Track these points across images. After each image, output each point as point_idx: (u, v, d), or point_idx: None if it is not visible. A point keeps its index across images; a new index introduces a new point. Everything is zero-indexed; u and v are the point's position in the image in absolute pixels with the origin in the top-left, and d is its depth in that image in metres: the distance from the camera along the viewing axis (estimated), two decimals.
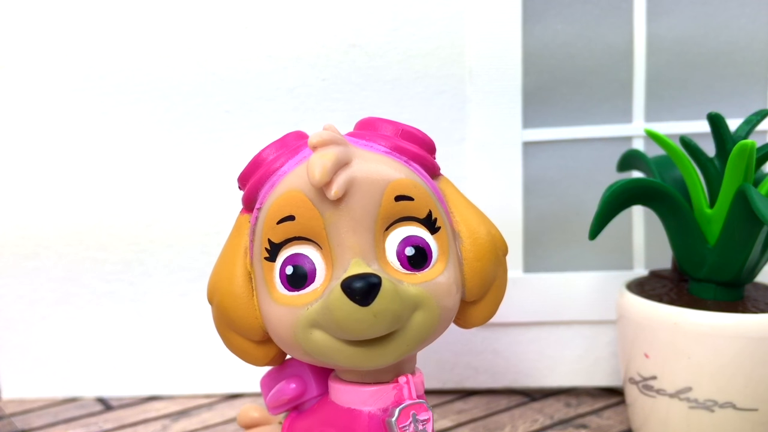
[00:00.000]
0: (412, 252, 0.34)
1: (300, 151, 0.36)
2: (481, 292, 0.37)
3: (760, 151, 0.44)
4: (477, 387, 0.60)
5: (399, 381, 0.36)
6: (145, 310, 0.61)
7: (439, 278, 0.34)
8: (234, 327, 0.37)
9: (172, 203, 0.59)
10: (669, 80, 0.56)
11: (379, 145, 0.36)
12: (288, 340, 0.34)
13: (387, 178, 0.34)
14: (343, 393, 0.36)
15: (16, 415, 0.59)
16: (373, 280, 0.32)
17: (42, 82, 0.58)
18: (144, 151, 0.59)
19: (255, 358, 0.38)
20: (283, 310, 0.34)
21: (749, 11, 0.55)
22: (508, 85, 0.56)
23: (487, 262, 0.37)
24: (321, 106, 0.57)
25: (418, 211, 0.34)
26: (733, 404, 0.45)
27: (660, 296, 0.48)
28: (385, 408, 0.35)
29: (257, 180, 0.36)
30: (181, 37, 0.57)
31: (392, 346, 0.33)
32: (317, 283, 0.34)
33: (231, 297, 0.36)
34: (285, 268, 0.34)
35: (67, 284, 0.61)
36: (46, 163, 0.59)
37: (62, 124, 0.59)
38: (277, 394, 0.38)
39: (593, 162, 0.57)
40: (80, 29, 0.57)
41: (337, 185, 0.32)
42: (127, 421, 0.58)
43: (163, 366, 0.62)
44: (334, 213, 0.33)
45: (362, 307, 0.31)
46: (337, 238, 0.33)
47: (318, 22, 0.56)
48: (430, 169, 0.37)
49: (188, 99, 0.58)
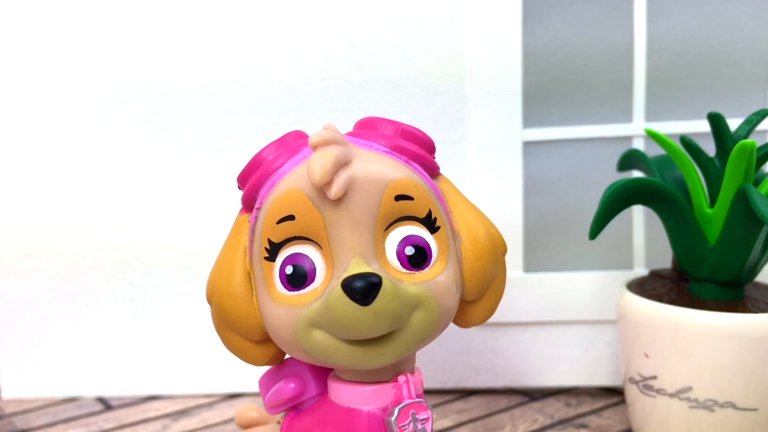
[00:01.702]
0: (412, 251, 0.34)
1: (300, 150, 0.36)
2: (480, 291, 0.37)
3: (760, 151, 0.44)
4: (477, 387, 0.60)
5: (398, 380, 0.36)
6: (145, 310, 0.61)
7: (438, 278, 0.34)
8: (233, 327, 0.37)
9: (172, 203, 0.59)
10: (669, 80, 0.56)
11: (379, 144, 0.36)
12: (288, 340, 0.34)
13: (387, 178, 0.34)
14: (343, 392, 0.36)
15: (16, 415, 0.59)
16: (374, 280, 0.32)
17: (41, 81, 0.58)
18: (144, 150, 0.59)
19: (254, 358, 0.38)
20: (283, 310, 0.34)
21: (749, 11, 0.55)
22: (508, 85, 0.56)
23: (487, 262, 0.37)
24: (321, 106, 0.57)
25: (418, 211, 0.35)
26: (733, 404, 0.45)
27: (660, 296, 0.48)
28: (385, 407, 0.36)
29: (257, 179, 0.36)
30: (181, 37, 0.57)
31: (392, 345, 0.33)
32: (317, 283, 0.34)
33: (230, 297, 0.36)
34: (285, 267, 0.34)
35: (67, 284, 0.61)
36: (45, 163, 0.59)
37: (62, 124, 0.59)
38: (276, 394, 0.39)
39: (593, 162, 0.57)
40: (80, 29, 0.57)
41: (338, 185, 0.32)
42: (127, 421, 0.58)
43: (163, 366, 0.62)
44: (334, 213, 0.33)
45: (363, 306, 0.31)
46: (337, 237, 0.33)
47: (318, 22, 0.56)
48: (429, 168, 0.38)
49: (188, 99, 0.58)
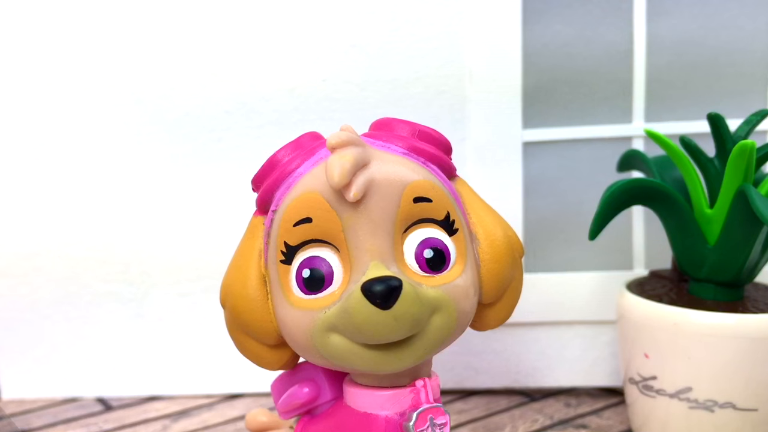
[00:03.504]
0: (431, 254, 0.34)
1: (316, 152, 0.36)
2: (497, 294, 0.37)
3: (760, 151, 0.44)
4: (477, 387, 0.60)
5: (416, 385, 0.35)
6: (145, 310, 0.61)
7: (457, 281, 0.34)
8: (248, 331, 0.36)
9: (172, 203, 0.59)
10: (669, 80, 0.56)
11: (396, 146, 0.36)
12: (304, 344, 0.34)
13: (405, 180, 0.33)
14: (359, 397, 0.36)
15: (16, 415, 0.59)
16: (394, 283, 0.31)
17: (40, 83, 0.58)
18: (144, 150, 0.59)
19: (268, 362, 0.37)
20: (300, 314, 0.33)
21: (749, 11, 0.55)
22: (508, 85, 0.56)
23: (504, 264, 0.36)
24: (321, 106, 0.57)
25: (436, 213, 0.34)
26: (733, 404, 0.45)
27: (660, 296, 0.48)
28: (402, 412, 0.35)
29: (272, 182, 0.36)
30: (181, 37, 0.57)
31: (411, 349, 0.33)
32: (335, 286, 0.33)
33: (245, 300, 0.35)
34: (302, 270, 0.33)
35: (67, 284, 0.61)
36: (45, 164, 0.59)
37: (61, 124, 0.59)
38: (290, 399, 0.38)
39: (593, 162, 0.57)
40: (80, 29, 0.57)
41: (357, 187, 0.32)
42: (127, 421, 0.58)
43: (163, 366, 0.62)
44: (353, 215, 0.33)
45: (383, 310, 0.31)
46: (355, 240, 0.33)
47: (318, 22, 0.56)
48: (446, 170, 0.37)
49: (188, 99, 0.58)
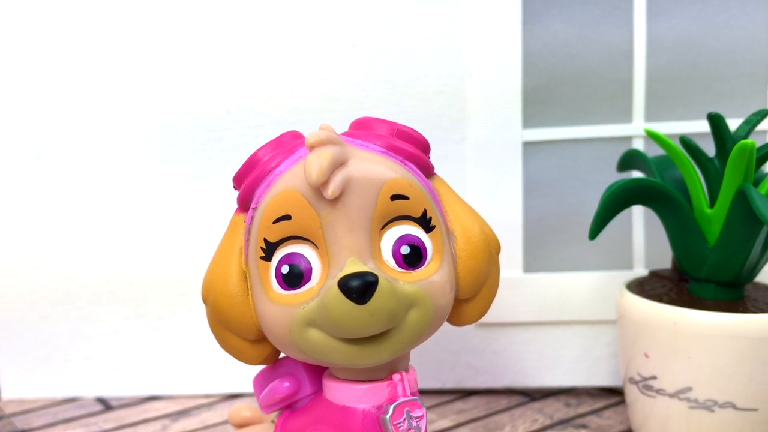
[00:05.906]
0: (408, 251, 0.34)
1: (296, 150, 0.36)
2: (474, 290, 0.38)
3: (760, 151, 0.44)
4: (477, 387, 0.60)
5: (393, 378, 0.36)
6: (144, 310, 0.61)
7: (433, 277, 0.35)
8: (229, 326, 0.37)
9: (171, 203, 0.59)
10: (669, 80, 0.56)
11: (375, 144, 0.37)
12: (284, 339, 0.35)
13: (383, 178, 0.34)
14: (338, 391, 0.36)
15: (16, 415, 0.59)
16: (370, 279, 0.32)
17: (40, 83, 0.58)
18: (143, 150, 0.59)
19: (249, 357, 0.38)
20: (279, 309, 0.34)
21: (749, 11, 0.55)
22: (508, 85, 0.56)
23: (481, 261, 0.37)
24: (321, 106, 0.57)
25: (413, 210, 0.35)
26: (733, 404, 0.45)
27: (660, 296, 0.48)
28: (380, 405, 0.36)
29: (253, 180, 0.36)
30: (180, 37, 0.57)
31: (387, 344, 0.34)
32: (313, 282, 0.34)
33: (226, 296, 0.36)
34: (281, 267, 0.34)
35: (67, 284, 0.61)
36: (46, 164, 0.59)
37: (61, 125, 0.59)
38: (271, 393, 0.39)
39: (593, 162, 0.57)
40: (79, 30, 0.57)
41: (334, 184, 0.33)
42: (127, 421, 0.58)
43: (163, 366, 0.62)
44: (331, 212, 0.33)
45: (359, 305, 0.32)
46: (334, 237, 0.34)
47: (318, 22, 0.56)
48: (424, 168, 0.38)
49: (188, 99, 0.58)
